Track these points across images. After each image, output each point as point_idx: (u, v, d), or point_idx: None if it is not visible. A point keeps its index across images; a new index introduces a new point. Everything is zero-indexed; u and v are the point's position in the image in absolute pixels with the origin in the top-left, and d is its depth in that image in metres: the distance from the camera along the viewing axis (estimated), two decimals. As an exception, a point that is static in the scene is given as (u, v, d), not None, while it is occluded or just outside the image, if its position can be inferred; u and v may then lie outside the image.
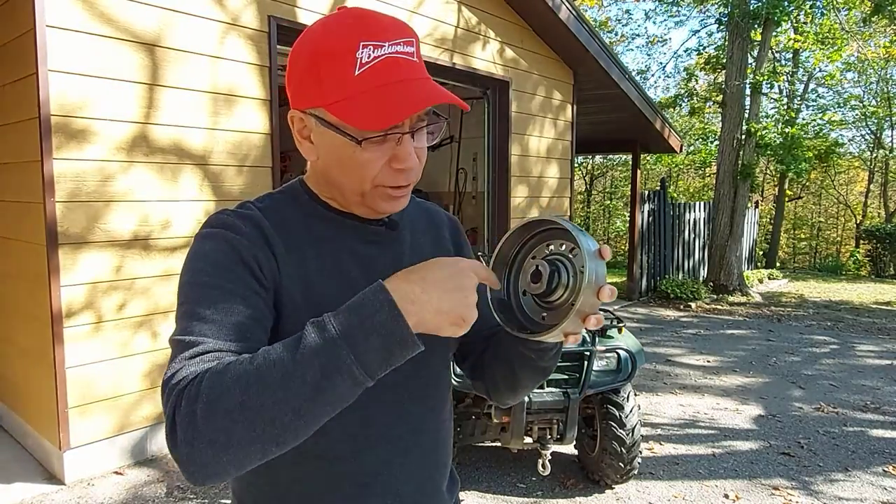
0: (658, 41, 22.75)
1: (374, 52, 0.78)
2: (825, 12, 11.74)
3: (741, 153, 9.95)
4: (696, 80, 15.63)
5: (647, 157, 17.98)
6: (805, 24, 12.51)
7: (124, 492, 3.17)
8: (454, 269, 0.74)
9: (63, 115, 3.10)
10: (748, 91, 10.10)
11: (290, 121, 0.88)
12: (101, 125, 3.24)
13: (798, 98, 16.91)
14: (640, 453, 3.26)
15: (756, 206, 13.77)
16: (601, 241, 21.16)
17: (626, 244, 10.21)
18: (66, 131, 3.12)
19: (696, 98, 13.16)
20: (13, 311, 3.66)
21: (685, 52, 23.99)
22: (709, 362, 5.89)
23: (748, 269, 12.20)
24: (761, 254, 16.28)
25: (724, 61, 10.65)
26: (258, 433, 0.66)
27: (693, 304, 8.91)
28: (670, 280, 9.55)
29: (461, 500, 1.11)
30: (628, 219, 9.84)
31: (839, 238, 22.47)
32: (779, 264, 16.65)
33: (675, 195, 20.24)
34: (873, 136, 19.32)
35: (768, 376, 5.42)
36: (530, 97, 6.26)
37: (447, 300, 0.71)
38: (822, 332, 7.40)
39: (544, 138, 6.53)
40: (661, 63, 24.80)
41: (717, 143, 11.51)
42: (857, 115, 17.53)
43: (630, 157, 10.26)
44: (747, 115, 10.08)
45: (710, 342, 6.74)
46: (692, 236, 10.71)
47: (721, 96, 10.53)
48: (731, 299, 9.45)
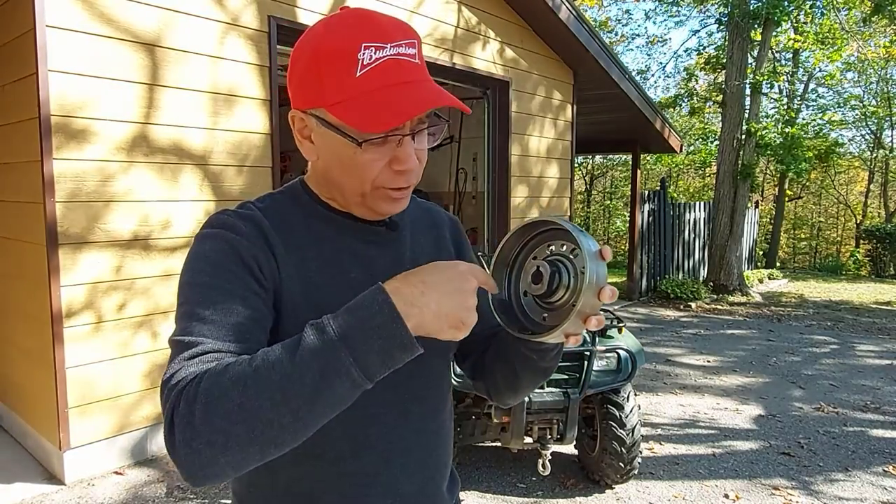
0: (658, 41, 22.77)
1: (375, 53, 0.78)
2: (825, 12, 11.74)
3: (741, 153, 9.95)
4: (696, 80, 15.63)
5: (647, 157, 17.98)
6: (805, 24, 12.51)
7: (124, 492, 3.17)
8: (454, 272, 0.74)
9: (63, 115, 3.10)
10: (748, 91, 10.10)
11: (290, 121, 0.88)
12: (101, 125, 3.24)
13: (798, 98, 16.91)
14: (640, 453, 3.26)
15: (756, 206, 13.77)
16: (601, 241, 21.17)
17: (626, 244, 10.21)
18: (66, 131, 3.12)
19: (696, 98, 13.16)
20: (13, 312, 3.66)
21: (685, 52, 24.00)
22: (709, 362, 5.89)
23: (748, 269, 12.20)
24: (761, 254, 16.28)
25: (724, 61, 10.65)
26: (256, 434, 0.66)
27: (693, 304, 8.91)
28: (670, 280, 9.55)
29: (461, 500, 1.11)
30: (628, 219, 9.84)
31: (839, 238, 22.47)
32: (779, 264, 16.64)
33: (675, 195, 20.24)
34: (873, 136, 19.33)
35: (768, 376, 5.42)
36: (530, 97, 6.26)
37: (447, 303, 0.71)
38: (822, 332, 7.40)
39: (544, 138, 6.53)
40: (661, 63, 24.83)
41: (717, 143, 11.51)
42: (857, 115, 17.53)
43: (630, 157, 10.26)
44: (747, 115, 10.08)
45: (710, 342, 6.74)
46: (692, 236, 10.70)
47: (721, 96, 10.53)
48: (731, 299, 9.45)
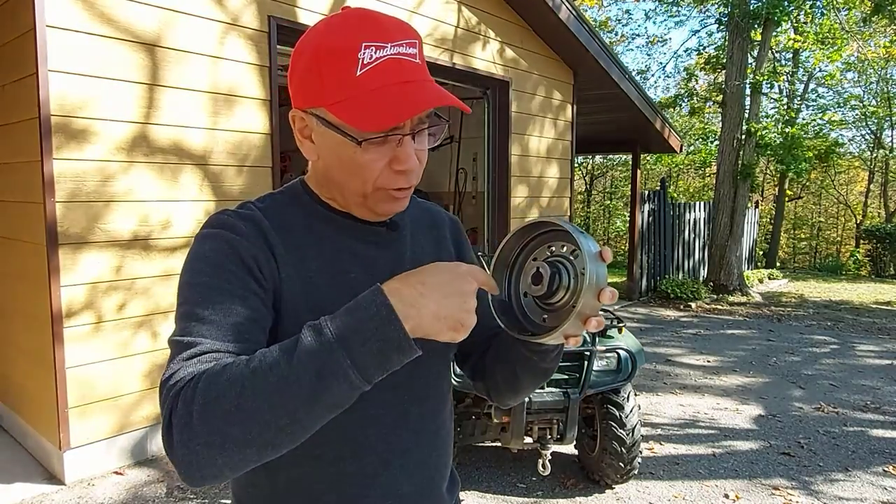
0: (658, 41, 22.76)
1: (375, 52, 0.78)
2: (825, 12, 11.74)
3: (741, 153, 9.95)
4: (696, 80, 15.64)
5: (647, 157, 17.98)
6: (805, 24, 12.51)
7: (124, 492, 3.17)
8: (453, 273, 0.74)
9: (63, 115, 3.10)
10: (748, 91, 10.10)
11: (291, 120, 0.88)
12: (101, 125, 3.24)
13: (798, 98, 16.91)
14: (640, 453, 3.26)
15: (756, 206, 13.77)
16: (601, 241, 21.16)
17: (626, 244, 10.20)
18: (66, 131, 3.12)
19: (696, 98, 13.16)
20: (13, 312, 3.66)
21: (685, 52, 24.05)
22: (709, 362, 5.89)
23: (748, 269, 12.20)
24: (761, 254, 16.28)
25: (724, 61, 10.65)
26: (254, 436, 0.66)
27: (693, 304, 8.91)
28: (670, 280, 9.55)
29: (461, 501, 1.11)
30: (628, 219, 9.84)
31: (839, 238, 22.47)
32: (779, 264, 16.64)
33: (675, 195, 20.24)
34: (873, 136, 19.33)
35: (768, 376, 5.42)
36: (530, 97, 6.26)
37: (446, 305, 0.71)
38: (822, 332, 7.40)
39: (544, 138, 6.53)
40: (661, 63, 24.84)
41: (717, 143, 11.50)
42: (857, 115, 17.53)
43: (630, 157, 10.26)
44: (747, 115, 10.08)
45: (710, 342, 6.74)
46: (692, 236, 10.70)
47: (721, 96, 10.53)
48: (731, 299, 9.45)
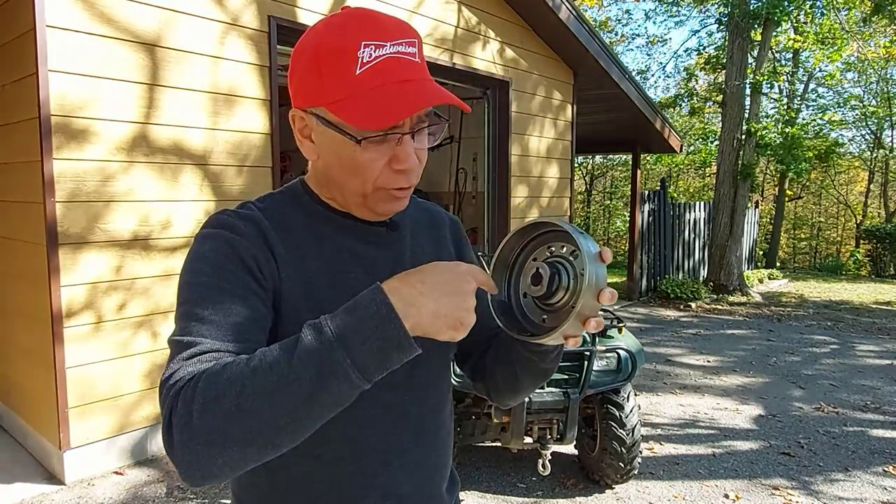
0: (658, 41, 22.75)
1: (375, 51, 0.78)
2: (825, 12, 11.74)
3: (741, 153, 9.95)
4: (696, 80, 15.64)
5: (647, 157, 17.97)
6: (805, 24, 12.51)
7: (124, 492, 3.17)
8: (453, 273, 0.74)
9: (63, 115, 3.10)
10: (748, 91, 10.10)
11: (291, 120, 0.88)
12: (101, 125, 3.24)
13: (798, 98, 16.91)
14: (640, 453, 3.26)
15: (756, 206, 13.77)
16: (601, 241, 21.16)
17: (626, 244, 10.20)
18: (66, 131, 3.12)
19: (696, 98, 13.17)
20: (13, 312, 3.66)
21: (685, 52, 24.05)
22: (709, 362, 5.89)
23: (748, 269, 12.20)
24: (761, 254, 16.28)
25: (724, 61, 10.65)
26: (254, 435, 0.66)
27: (693, 304, 8.91)
28: (670, 280, 9.55)
29: (461, 501, 1.11)
30: (628, 219, 9.83)
31: (839, 238, 22.47)
32: (779, 264, 16.64)
33: (675, 195, 20.24)
34: (873, 136, 19.33)
35: (768, 376, 5.42)
36: (530, 97, 6.26)
37: (445, 304, 0.71)
38: (822, 332, 7.40)
39: (544, 138, 6.53)
40: (661, 63, 24.85)
41: (717, 143, 11.50)
42: (857, 115, 17.53)
43: (630, 157, 10.26)
44: (747, 115, 10.08)
45: (710, 342, 6.74)
46: (692, 236, 10.70)
47: (721, 96, 10.53)
48: (731, 299, 9.45)
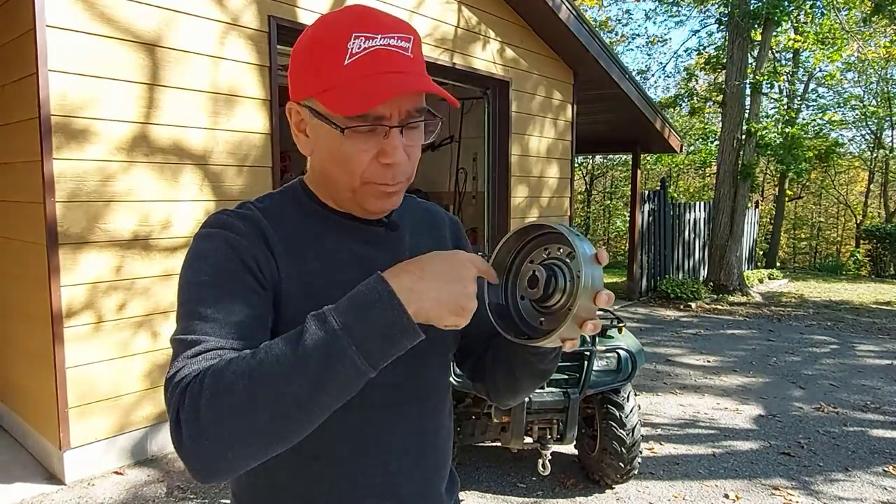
0: (658, 41, 22.77)
1: (364, 43, 0.79)
2: (825, 12, 11.74)
3: (741, 153, 9.95)
4: (696, 80, 15.64)
5: (647, 157, 17.97)
6: (805, 24, 12.51)
7: (124, 492, 3.18)
8: (453, 259, 0.74)
9: (63, 115, 3.10)
10: (748, 91, 10.10)
11: (287, 113, 0.89)
12: (101, 125, 3.24)
13: (798, 98, 16.91)
14: (640, 453, 3.26)
15: (756, 206, 13.76)
16: (601, 241, 21.16)
17: (626, 244, 10.20)
18: (66, 131, 3.12)
19: (696, 98, 13.16)
20: (13, 312, 3.66)
21: (685, 52, 24.05)
22: (709, 362, 5.89)
23: (748, 269, 12.20)
24: (761, 254, 16.28)
25: (724, 61, 10.64)
26: (262, 428, 0.67)
27: (693, 304, 8.91)
28: (670, 280, 9.55)
29: (461, 501, 1.11)
30: (628, 219, 9.83)
31: (839, 238, 22.47)
32: (779, 264, 16.64)
33: (675, 195, 20.24)
34: (873, 136, 19.33)
35: (768, 376, 5.42)
36: (530, 97, 6.26)
37: (446, 290, 0.71)
38: (822, 332, 7.39)
39: (544, 138, 6.53)
40: (661, 63, 24.85)
41: (717, 143, 11.51)
42: (857, 115, 17.53)
43: (630, 157, 10.26)
44: (747, 115, 10.08)
45: (710, 342, 6.74)
46: (692, 236, 10.70)
47: (721, 96, 10.53)
48: (731, 299, 9.45)
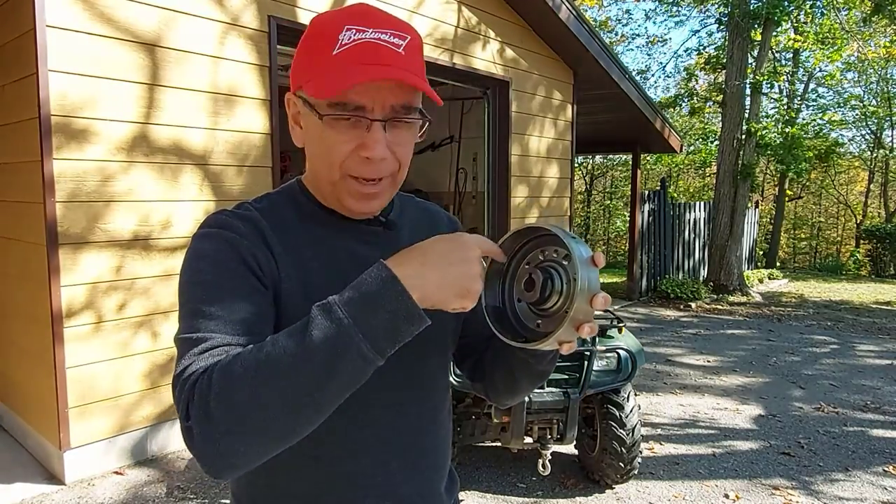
0: (658, 41, 22.77)
1: (355, 35, 0.80)
2: (825, 12, 11.74)
3: (741, 153, 9.95)
4: (696, 80, 15.64)
5: (647, 157, 17.97)
6: (805, 23, 12.51)
7: (124, 492, 3.18)
8: (455, 242, 0.74)
9: (63, 115, 3.10)
10: (748, 91, 10.10)
11: (286, 105, 0.90)
12: (101, 125, 3.24)
13: (798, 98, 16.91)
14: (641, 453, 3.26)
15: (756, 206, 13.76)
16: (602, 241, 21.17)
17: (626, 244, 10.19)
18: (66, 131, 3.12)
19: (696, 98, 13.16)
20: (13, 312, 3.66)
21: (685, 52, 24.05)
22: (709, 362, 5.89)
23: (748, 269, 12.20)
24: (761, 254, 16.28)
25: (724, 61, 10.64)
26: (272, 420, 0.67)
27: (693, 304, 8.91)
28: (670, 280, 9.54)
29: (461, 501, 1.11)
30: (628, 219, 9.83)
31: (839, 238, 22.47)
32: (779, 264, 16.64)
33: (675, 195, 20.23)
34: (873, 136, 19.33)
35: (768, 376, 5.42)
36: (530, 97, 6.26)
37: (450, 273, 0.71)
38: (823, 331, 7.39)
39: (544, 138, 6.53)
40: (661, 63, 24.87)
41: (717, 143, 11.50)
42: (857, 115, 17.53)
43: (630, 157, 10.25)
44: (747, 115, 10.07)
45: (710, 342, 6.74)
46: (692, 236, 10.70)
47: (721, 96, 10.53)
48: (731, 299, 9.45)
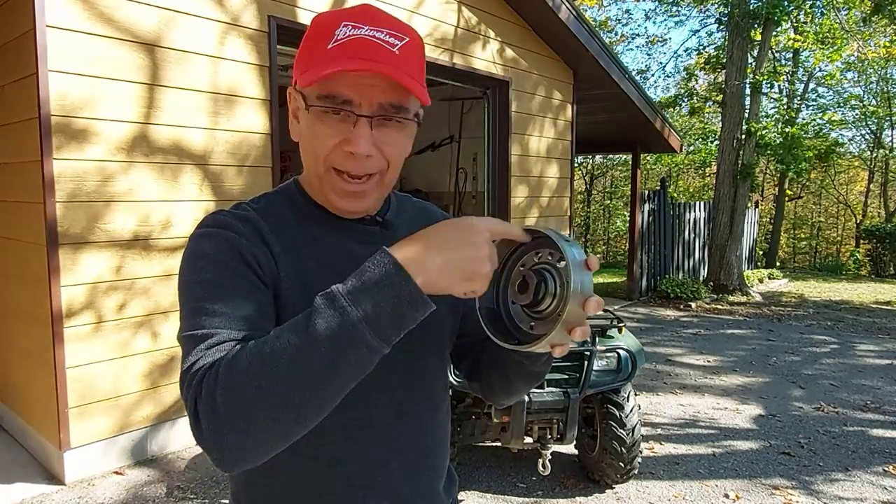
0: (658, 41, 22.78)
1: (351, 31, 0.80)
2: (825, 12, 11.74)
3: (741, 153, 9.94)
4: (696, 80, 15.65)
5: (647, 157, 17.97)
6: (805, 23, 12.51)
7: (124, 492, 3.18)
8: (461, 224, 0.73)
9: (63, 115, 3.10)
10: (748, 91, 10.10)
11: (287, 98, 0.91)
12: (101, 125, 3.24)
13: (798, 98, 16.91)
14: (641, 453, 3.26)
15: (756, 206, 13.77)
16: (601, 241, 21.18)
17: (626, 244, 10.19)
18: (66, 131, 3.12)
19: (696, 98, 13.16)
20: (13, 312, 3.66)
21: (685, 51, 24.04)
22: (709, 362, 5.89)
23: (748, 268, 12.19)
24: (761, 253, 16.28)
25: (724, 61, 10.64)
26: (279, 412, 0.67)
27: (693, 304, 8.91)
28: (670, 280, 9.54)
29: (461, 500, 1.11)
30: (628, 219, 9.83)
31: (839, 238, 22.48)
32: (779, 264, 16.64)
33: (675, 195, 20.23)
34: (873, 136, 19.34)
35: (768, 376, 5.42)
36: (530, 97, 6.26)
37: (454, 257, 0.70)
38: (822, 331, 7.39)
39: (544, 138, 6.53)
40: (661, 63, 24.86)
41: (717, 142, 11.50)
42: (857, 114, 17.54)
43: (630, 156, 10.25)
44: (747, 115, 10.07)
45: (710, 342, 6.74)
46: (692, 236, 10.70)
47: (721, 96, 10.53)
48: (731, 299, 9.45)
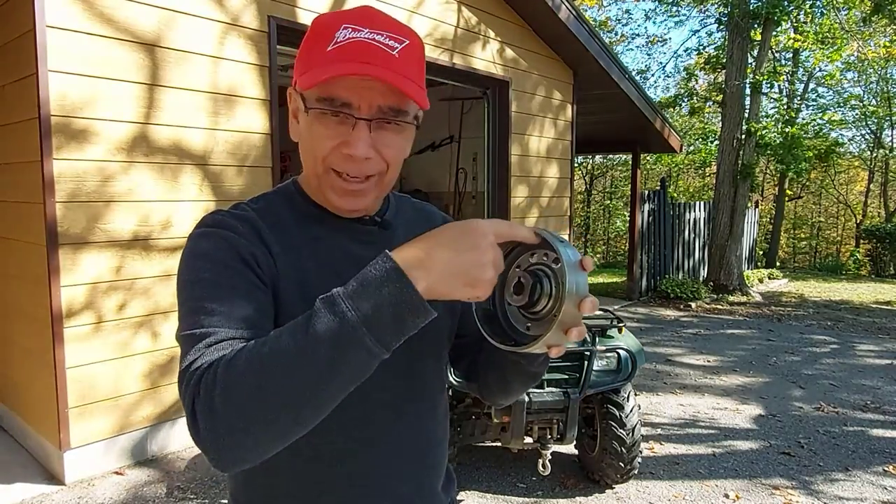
0: (658, 41, 22.79)
1: (350, 33, 0.80)
2: (825, 12, 11.74)
3: (741, 153, 9.94)
4: (696, 80, 15.65)
5: (647, 157, 17.98)
6: (805, 23, 12.51)
7: (124, 492, 3.18)
8: (465, 228, 0.72)
9: (63, 115, 3.10)
10: (748, 91, 10.09)
11: (287, 98, 0.91)
12: (101, 125, 3.24)
13: (798, 98, 16.92)
14: (641, 453, 3.26)
15: (756, 206, 13.77)
16: (601, 241, 21.18)
17: (626, 244, 10.19)
18: (66, 131, 3.12)
19: (696, 98, 13.17)
20: (13, 312, 3.66)
21: (685, 51, 24.05)
22: (709, 362, 5.89)
23: (748, 268, 12.20)
24: (761, 253, 16.28)
25: (724, 61, 10.64)
26: (277, 413, 0.67)
27: (693, 304, 8.91)
28: (670, 280, 9.54)
29: (461, 500, 1.11)
30: (628, 219, 9.83)
31: (839, 238, 22.49)
32: (779, 264, 16.64)
33: (675, 195, 20.23)
34: (873, 136, 19.34)
35: (768, 376, 5.42)
36: (530, 97, 6.26)
37: (457, 261, 0.69)
38: (822, 331, 7.39)
39: (544, 138, 6.53)
40: (661, 63, 24.87)
41: (717, 142, 11.50)
42: (857, 114, 17.54)
43: (630, 157, 10.26)
44: (747, 115, 10.07)
45: (710, 342, 6.74)
46: (692, 236, 10.70)
47: (721, 96, 10.53)
48: (731, 299, 9.45)
